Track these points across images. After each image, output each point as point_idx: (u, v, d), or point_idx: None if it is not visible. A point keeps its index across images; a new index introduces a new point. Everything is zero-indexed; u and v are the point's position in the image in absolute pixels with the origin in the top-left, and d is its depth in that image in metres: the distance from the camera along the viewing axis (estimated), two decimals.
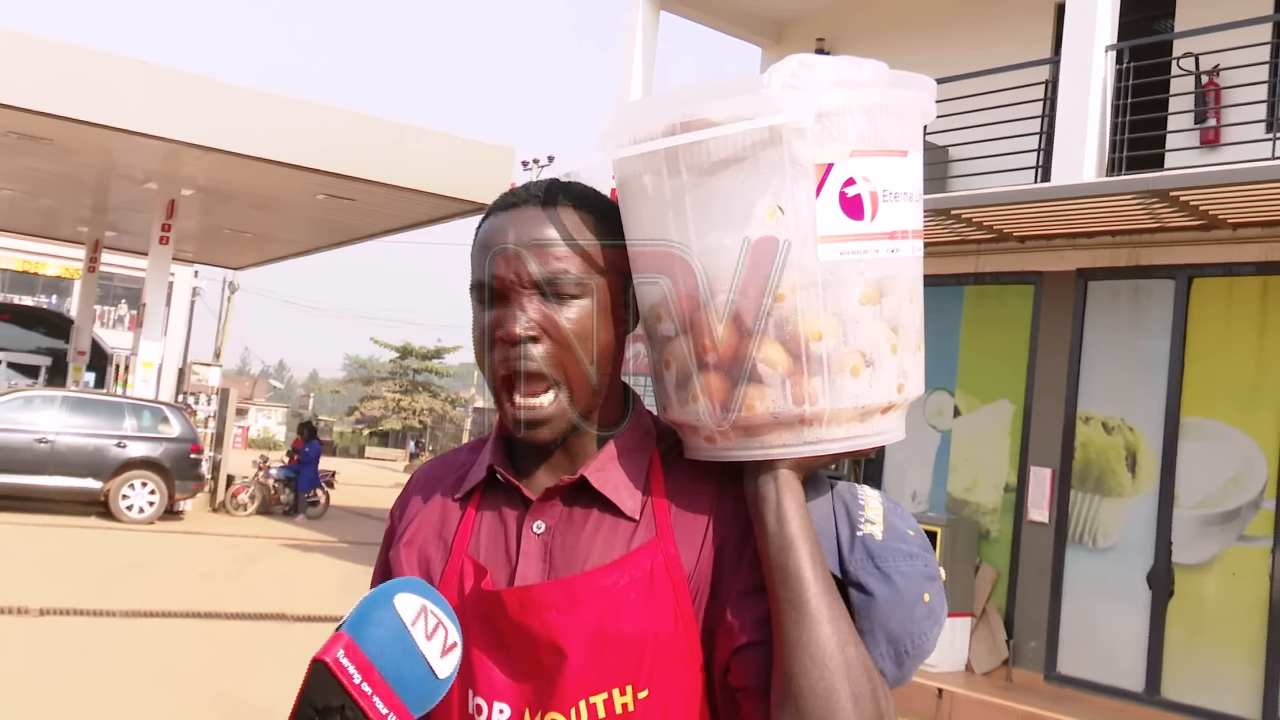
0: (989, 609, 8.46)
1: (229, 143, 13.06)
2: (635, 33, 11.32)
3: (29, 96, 11.95)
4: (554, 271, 1.15)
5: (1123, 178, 7.34)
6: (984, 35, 10.08)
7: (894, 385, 1.13)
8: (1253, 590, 7.23)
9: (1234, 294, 7.60)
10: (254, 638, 8.45)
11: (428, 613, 1.06)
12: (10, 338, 21.39)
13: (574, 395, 1.17)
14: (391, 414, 47.51)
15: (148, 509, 14.52)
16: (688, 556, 1.15)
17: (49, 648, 7.44)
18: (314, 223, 17.82)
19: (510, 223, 1.18)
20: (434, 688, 1.05)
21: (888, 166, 1.11)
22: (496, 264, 1.16)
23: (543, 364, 1.15)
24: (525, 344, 1.14)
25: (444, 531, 1.24)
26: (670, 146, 1.09)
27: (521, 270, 1.15)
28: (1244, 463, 7.37)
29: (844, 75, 1.09)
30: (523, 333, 1.14)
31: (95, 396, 15.80)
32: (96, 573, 10.36)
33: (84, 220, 19.93)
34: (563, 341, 1.15)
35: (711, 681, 1.14)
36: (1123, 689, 7.72)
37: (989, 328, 8.89)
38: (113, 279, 33.82)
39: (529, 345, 1.15)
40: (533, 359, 1.15)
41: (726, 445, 1.13)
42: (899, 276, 1.13)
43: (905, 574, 1.15)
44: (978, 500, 8.76)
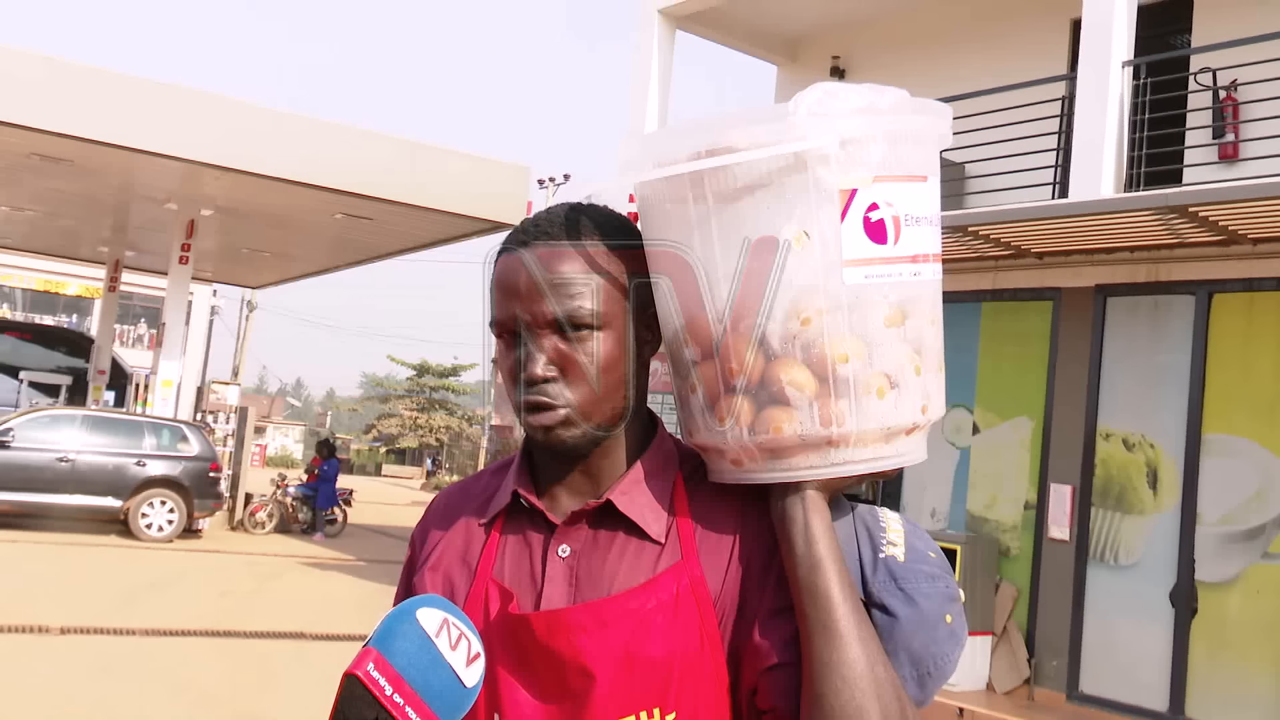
0: (1010, 627, 8.40)
1: (248, 163, 13.18)
2: (651, 51, 11.38)
3: (50, 118, 12.10)
4: (572, 310, 1.16)
5: (1141, 193, 7.32)
6: (1000, 51, 10.08)
7: (918, 406, 1.14)
8: (1277, 608, 7.16)
9: (1255, 309, 7.56)
10: (273, 655, 8.47)
11: (450, 625, 1.09)
12: (31, 357, 21.55)
13: (592, 415, 1.19)
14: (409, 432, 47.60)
15: (167, 527, 14.58)
16: (713, 579, 1.16)
17: (70, 666, 7.46)
18: (331, 242, 17.93)
19: (528, 260, 1.18)
20: (462, 696, 1.08)
21: (909, 191, 1.13)
22: (515, 304, 1.18)
23: (565, 399, 1.17)
24: (544, 384, 1.17)
25: (468, 556, 1.25)
26: (695, 171, 1.10)
27: (540, 310, 1.17)
28: (1266, 479, 7.32)
29: (867, 102, 1.11)
30: (543, 374, 1.16)
31: (115, 415, 15.91)
32: (116, 591, 10.41)
33: (104, 240, 20.11)
34: (584, 377, 1.17)
35: (738, 703, 1.15)
36: (1146, 708, 7.65)
37: (1007, 344, 8.85)
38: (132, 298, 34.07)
39: (547, 385, 1.17)
40: (553, 396, 1.17)
41: (753, 468, 1.14)
42: (921, 299, 1.15)
43: (928, 595, 1.17)
44: (997, 518, 8.72)
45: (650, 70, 11.34)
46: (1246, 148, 8.38)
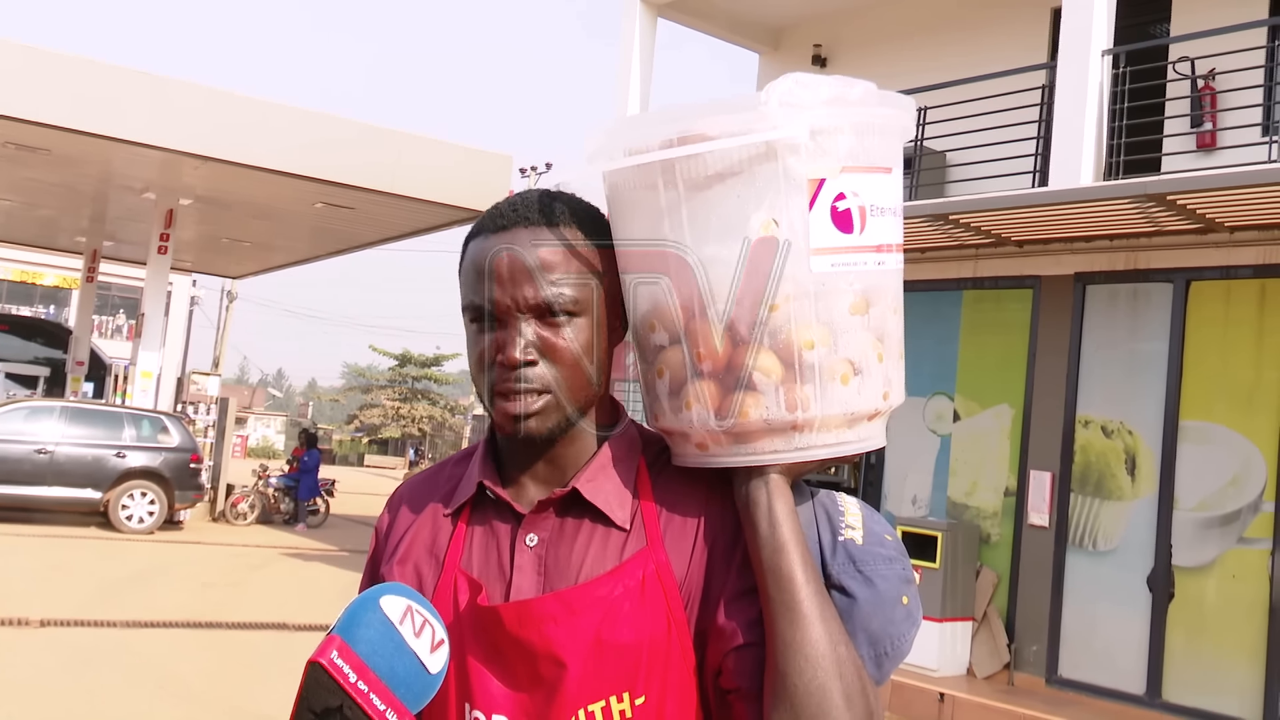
0: (990, 613, 8.46)
1: (227, 152, 13.10)
2: (633, 39, 11.36)
3: (27, 107, 11.99)
4: (549, 295, 1.16)
5: (1120, 182, 7.36)
6: (981, 40, 10.11)
7: (880, 393, 1.16)
8: (1253, 592, 7.24)
9: (1231, 297, 7.62)
10: (255, 646, 8.45)
11: (414, 612, 1.09)
12: (8, 348, 21.41)
13: (568, 402, 1.19)
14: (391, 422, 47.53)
15: (147, 519, 14.52)
16: (678, 563, 1.17)
17: (50, 658, 7.43)
18: (312, 231, 17.86)
19: (502, 244, 1.18)
20: (427, 683, 1.08)
21: (875, 182, 1.14)
22: (491, 288, 1.18)
23: (540, 384, 1.17)
24: (524, 367, 1.17)
25: (435, 548, 1.25)
26: (667, 159, 1.11)
27: (517, 294, 1.16)
28: (1243, 465, 7.38)
29: (836, 93, 1.12)
30: (521, 357, 1.16)
31: (94, 407, 15.82)
32: (97, 583, 10.36)
33: (82, 230, 19.96)
34: (560, 361, 1.18)
35: (704, 685, 1.16)
36: (1124, 692, 7.72)
37: (988, 332, 8.90)
38: (111, 289, 33.84)
39: (527, 369, 1.17)
40: (531, 380, 1.17)
41: (718, 452, 1.15)
42: (885, 288, 1.16)
43: (885, 577, 1.19)
44: (978, 504, 8.77)
45: (632, 58, 11.32)
46: (1224, 136, 8.44)
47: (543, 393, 1.17)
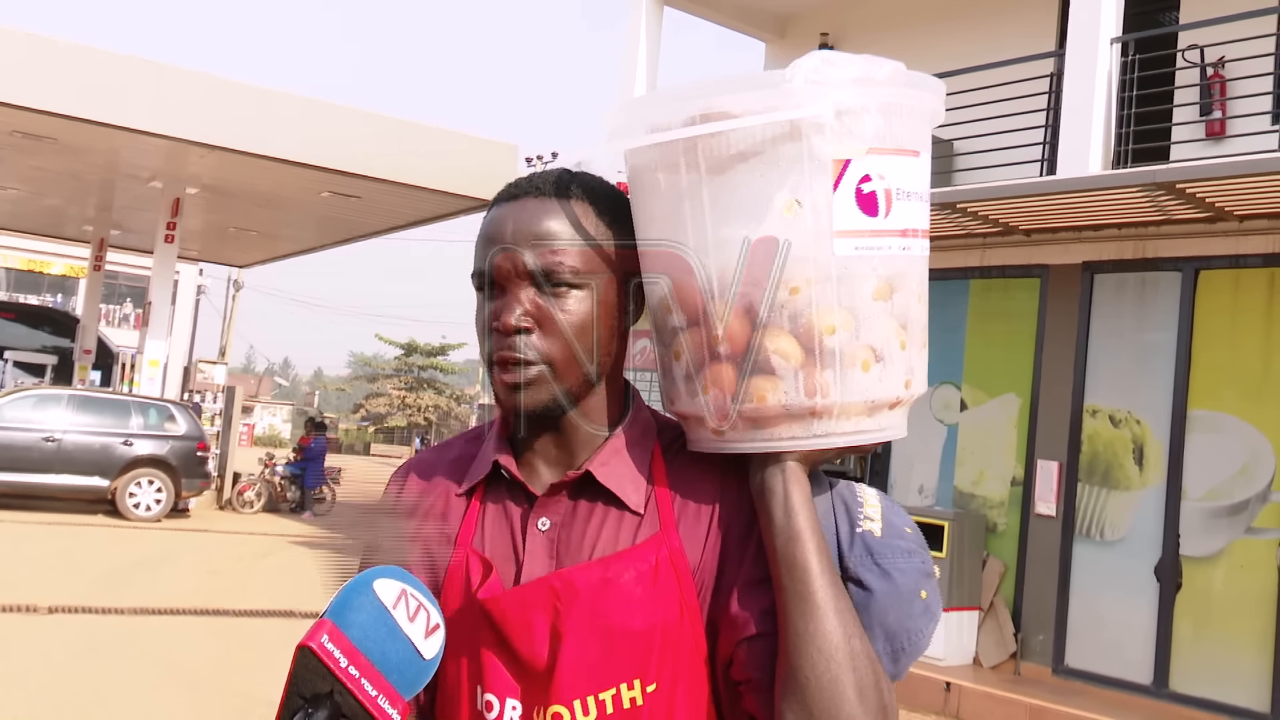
0: (996, 602, 8.46)
1: (234, 141, 13.08)
2: (639, 27, 11.31)
3: (34, 96, 11.97)
4: (551, 264, 1.16)
5: (1128, 170, 7.32)
6: (989, 28, 10.06)
7: (902, 381, 1.13)
8: (1261, 582, 7.23)
9: (1240, 286, 7.59)
10: (262, 634, 8.47)
11: (408, 596, 1.06)
12: (16, 337, 21.43)
13: (562, 376, 1.17)
14: (397, 411, 47.59)
15: (155, 507, 14.56)
16: (692, 550, 1.15)
17: (58, 645, 7.46)
18: (319, 220, 17.84)
19: (511, 214, 1.19)
20: (421, 669, 1.05)
21: (901, 165, 1.12)
22: (496, 255, 1.18)
23: (536, 353, 1.16)
24: (519, 334, 1.16)
25: (447, 526, 1.24)
26: (689, 138, 1.09)
27: (519, 262, 1.16)
28: (1251, 455, 7.36)
29: (863, 73, 1.10)
30: (516, 323, 1.15)
31: (101, 395, 15.84)
32: (104, 570, 10.39)
33: (89, 219, 19.97)
34: (557, 333, 1.16)
35: (714, 674, 1.15)
36: (1131, 681, 7.72)
37: (995, 321, 8.87)
38: (118, 277, 33.88)
39: (523, 336, 1.16)
40: (526, 348, 1.16)
41: (734, 437, 1.13)
42: (909, 274, 1.14)
43: (904, 570, 1.16)
44: (985, 494, 8.76)
45: (638, 46, 11.28)
46: (1233, 125, 8.40)
47: (537, 364, 1.16)
